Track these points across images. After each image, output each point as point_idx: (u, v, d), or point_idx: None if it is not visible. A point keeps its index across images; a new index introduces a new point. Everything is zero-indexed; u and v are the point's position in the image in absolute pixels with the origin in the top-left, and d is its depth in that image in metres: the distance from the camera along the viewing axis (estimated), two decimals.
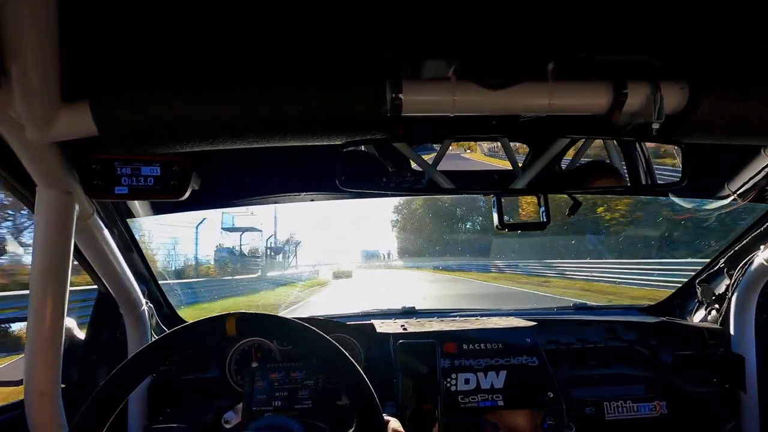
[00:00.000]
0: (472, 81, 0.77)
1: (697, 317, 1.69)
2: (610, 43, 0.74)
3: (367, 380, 0.78)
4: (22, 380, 0.96)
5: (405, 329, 1.42)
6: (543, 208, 0.92)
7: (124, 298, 1.28)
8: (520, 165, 1.07)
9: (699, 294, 1.65)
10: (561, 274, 18.20)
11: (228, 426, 1.29)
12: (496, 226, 0.90)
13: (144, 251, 1.37)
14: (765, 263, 1.36)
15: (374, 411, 0.78)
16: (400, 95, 0.75)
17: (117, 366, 0.74)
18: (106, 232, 1.09)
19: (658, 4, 0.66)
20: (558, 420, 1.19)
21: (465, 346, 1.33)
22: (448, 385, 1.23)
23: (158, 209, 1.28)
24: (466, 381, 1.24)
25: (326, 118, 0.75)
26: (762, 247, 1.37)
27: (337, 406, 1.32)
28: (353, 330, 1.50)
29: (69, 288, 0.93)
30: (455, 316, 1.74)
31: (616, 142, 1.07)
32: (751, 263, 1.41)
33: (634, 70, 0.78)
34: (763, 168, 1.14)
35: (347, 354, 0.79)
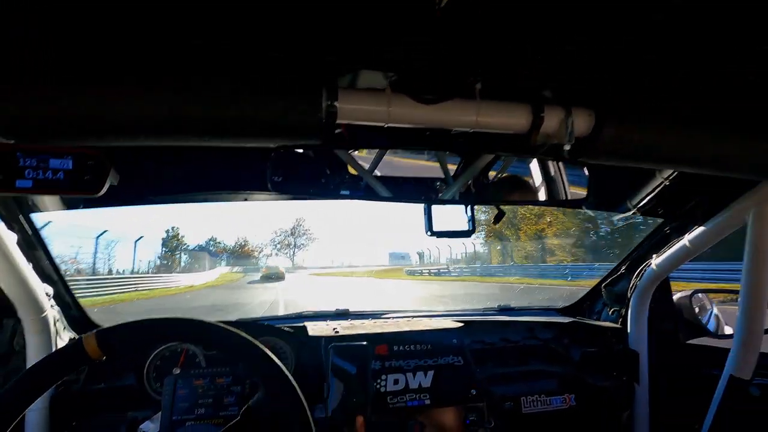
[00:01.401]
0: (406, 94, 0.80)
1: (603, 318, 1.88)
2: (531, 70, 0.81)
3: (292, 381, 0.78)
4: None
5: (337, 332, 1.42)
6: (469, 217, 0.98)
7: (23, 301, 1.15)
8: (452, 176, 1.13)
9: (604, 296, 1.84)
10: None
11: None
12: (427, 233, 0.95)
13: (51, 249, 1.25)
14: (656, 269, 1.55)
15: (303, 415, 0.77)
16: (336, 103, 0.76)
17: (14, 373, 0.67)
18: (3, 227, 0.97)
19: (570, 39, 0.73)
20: (479, 416, 1.26)
21: (396, 348, 1.36)
22: (378, 386, 1.26)
23: (71, 204, 1.17)
24: (396, 381, 1.28)
25: (261, 121, 0.74)
26: (654, 255, 1.56)
27: (268, 415, 1.29)
28: (284, 333, 1.48)
29: None
30: (388, 318, 1.78)
31: (535, 160, 1.17)
32: (646, 269, 1.61)
33: (552, 96, 0.86)
34: (656, 187, 1.31)
35: (256, 343, 0.76)
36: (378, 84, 0.82)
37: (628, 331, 1.69)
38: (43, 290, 1.19)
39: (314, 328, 1.50)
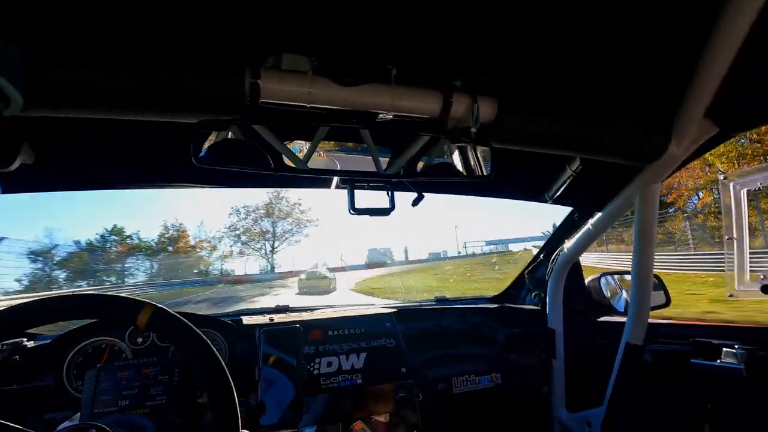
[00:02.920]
0: (326, 77, 0.86)
1: (527, 302, 2.04)
2: (440, 60, 0.91)
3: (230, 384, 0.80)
4: None
5: (272, 320, 1.44)
6: (390, 195, 1.06)
7: None
8: (378, 161, 1.21)
9: (527, 282, 2.00)
10: None
11: None
12: (350, 211, 1.01)
13: None
14: (567, 252, 1.72)
15: (233, 413, 0.79)
16: (259, 81, 0.80)
17: None
18: None
19: (477, 34, 0.83)
20: (408, 392, 1.33)
21: (330, 333, 1.40)
22: (311, 369, 1.29)
23: None
24: (329, 364, 1.32)
25: (185, 93, 0.77)
26: (566, 240, 1.73)
27: (196, 402, 1.27)
28: (220, 324, 1.47)
29: None
30: (325, 311, 1.81)
31: (458, 148, 1.28)
32: (560, 254, 1.78)
33: (460, 84, 0.97)
34: (567, 179, 1.47)
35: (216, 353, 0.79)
36: (301, 67, 0.87)
37: (547, 311, 1.85)
38: None
39: (249, 319, 1.50)
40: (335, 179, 1.28)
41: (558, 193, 1.55)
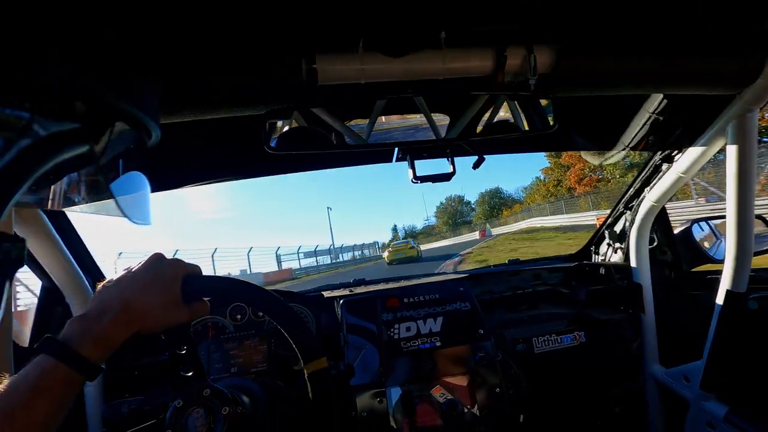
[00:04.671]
0: (377, 50, 0.88)
1: (607, 257, 1.94)
2: (490, 15, 0.88)
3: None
4: None
5: (352, 291, 1.53)
6: (449, 160, 1.07)
7: (71, 290, 1.29)
8: (436, 128, 1.21)
9: (607, 237, 1.89)
10: None
11: None
12: (412, 180, 1.03)
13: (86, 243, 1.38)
14: (650, 202, 1.60)
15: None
16: (314, 65, 0.84)
17: None
18: (48, 223, 1.10)
19: None
20: (487, 352, 1.35)
21: (406, 300, 1.46)
22: (392, 333, 1.36)
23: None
24: (407, 329, 1.38)
25: (248, 88, 0.83)
26: (647, 189, 1.61)
27: (293, 370, 1.41)
28: (305, 299, 1.60)
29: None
30: (399, 280, 1.88)
31: (517, 104, 1.23)
32: (641, 204, 1.65)
33: (513, 36, 0.93)
34: (646, 121, 1.36)
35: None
36: (352, 45, 0.90)
37: (632, 265, 1.74)
38: (84, 279, 1.33)
39: (331, 293, 1.61)
40: (396, 151, 1.31)
41: (635, 138, 1.44)
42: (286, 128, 1.03)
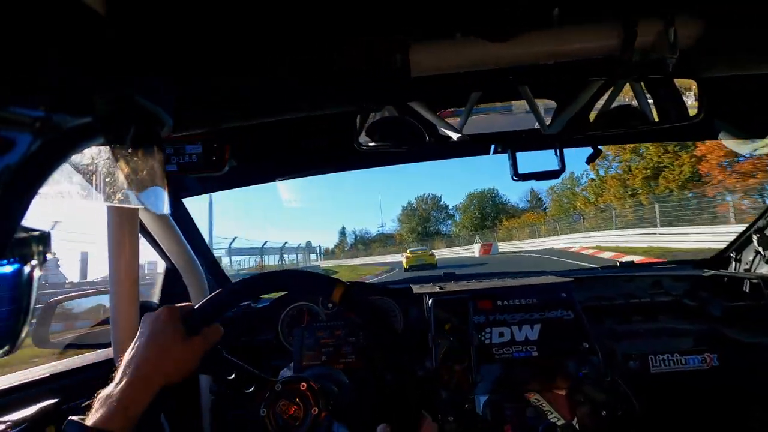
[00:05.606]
0: (477, 36, 0.79)
1: (754, 267, 1.60)
2: None
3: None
4: (109, 343, 1.14)
5: (441, 288, 1.48)
6: (557, 157, 0.93)
7: (186, 270, 1.44)
8: (542, 117, 1.08)
9: (755, 242, 1.56)
10: None
11: None
12: (512, 178, 0.93)
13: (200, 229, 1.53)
14: None
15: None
16: (407, 57, 0.78)
17: None
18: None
19: None
20: (593, 369, 1.20)
21: (499, 302, 1.36)
22: (483, 338, 1.28)
23: (206, 187, 1.41)
24: (500, 334, 1.28)
25: (339, 85, 0.81)
26: None
27: (380, 362, 1.42)
28: (392, 292, 1.59)
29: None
30: (492, 278, 1.77)
31: (642, 85, 1.04)
32: None
33: (643, 6, 0.77)
34: None
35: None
36: (449, 32, 0.82)
37: None
38: (198, 262, 1.48)
39: (419, 289, 1.57)
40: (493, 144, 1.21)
41: None
42: (376, 122, 1.00)
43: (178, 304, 0.88)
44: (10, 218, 0.37)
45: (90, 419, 0.69)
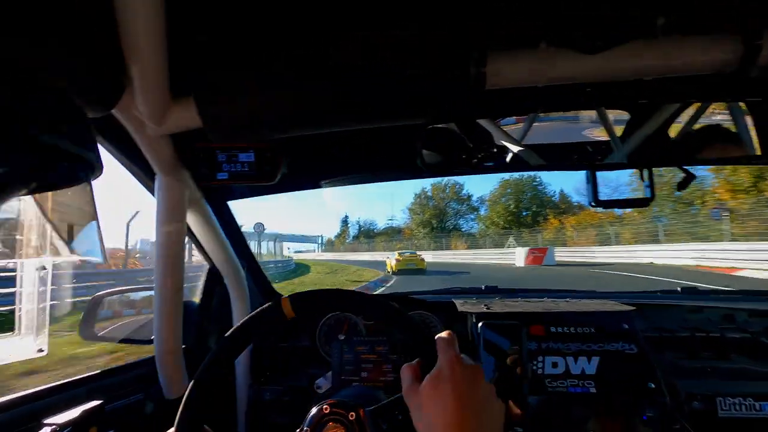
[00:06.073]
0: (564, 45, 0.70)
1: None
2: None
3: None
4: (152, 340, 1.14)
5: (488, 308, 1.39)
6: (647, 183, 0.83)
7: (228, 272, 1.43)
8: (620, 135, 0.97)
9: None
10: None
11: (320, 391, 1.40)
12: (590, 204, 0.83)
13: (242, 231, 1.52)
14: None
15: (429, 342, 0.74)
16: (483, 69, 0.71)
17: (224, 332, 0.83)
18: (212, 214, 1.21)
19: None
20: (660, 413, 1.09)
21: (553, 329, 1.26)
22: (535, 367, 1.19)
23: (253, 192, 1.39)
24: (554, 365, 1.19)
25: (408, 97, 0.74)
26: None
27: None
28: (433, 307, 1.52)
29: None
30: (541, 297, 1.66)
31: (742, 104, 0.92)
32: None
33: (763, 16, 0.65)
34: None
35: (394, 305, 0.75)
36: (531, 38, 0.73)
37: None
38: (239, 264, 1.46)
39: (463, 305, 1.49)
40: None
41: None
42: (434, 132, 0.92)
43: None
44: None
45: None
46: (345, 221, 75.61)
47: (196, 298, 1.51)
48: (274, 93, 0.73)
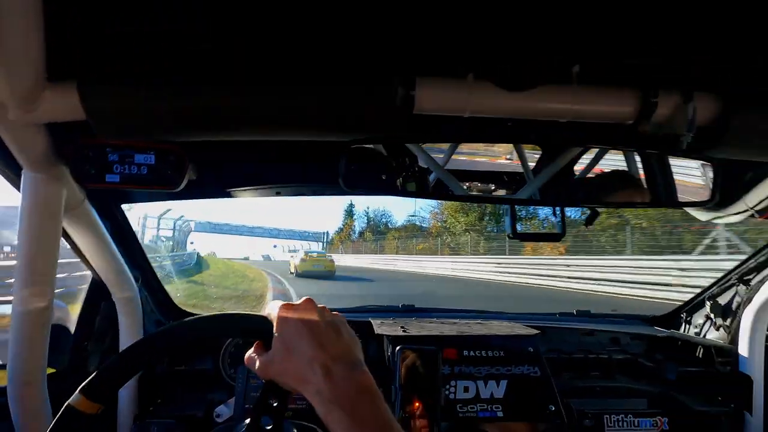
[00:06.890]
0: (489, 81, 0.72)
1: (705, 333, 1.64)
2: (642, 47, 0.69)
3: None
4: (4, 365, 0.93)
5: (405, 331, 1.38)
6: (558, 219, 0.88)
7: (116, 285, 1.25)
8: (532, 170, 1.02)
9: (708, 309, 1.60)
10: None
11: (219, 420, 1.27)
12: (508, 235, 0.86)
13: (139, 238, 1.34)
14: None
15: None
16: (412, 92, 0.70)
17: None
18: (97, 218, 1.05)
19: (698, 10, 0.60)
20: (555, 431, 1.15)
21: (465, 353, 1.28)
22: (447, 392, 1.19)
23: (153, 196, 1.24)
24: (465, 389, 1.21)
25: (335, 114, 0.70)
26: None
27: None
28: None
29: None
30: (456, 317, 1.70)
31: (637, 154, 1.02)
32: (765, 282, 1.36)
33: (665, 77, 0.73)
34: None
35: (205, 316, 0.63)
36: (459, 71, 0.74)
37: (739, 351, 1.45)
38: (131, 276, 1.28)
39: (380, 327, 1.46)
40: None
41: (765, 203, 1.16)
42: (362, 160, 0.89)
43: None
44: None
45: None
46: (350, 212, 55.72)
47: (75, 313, 1.30)
48: (172, 90, 0.64)
